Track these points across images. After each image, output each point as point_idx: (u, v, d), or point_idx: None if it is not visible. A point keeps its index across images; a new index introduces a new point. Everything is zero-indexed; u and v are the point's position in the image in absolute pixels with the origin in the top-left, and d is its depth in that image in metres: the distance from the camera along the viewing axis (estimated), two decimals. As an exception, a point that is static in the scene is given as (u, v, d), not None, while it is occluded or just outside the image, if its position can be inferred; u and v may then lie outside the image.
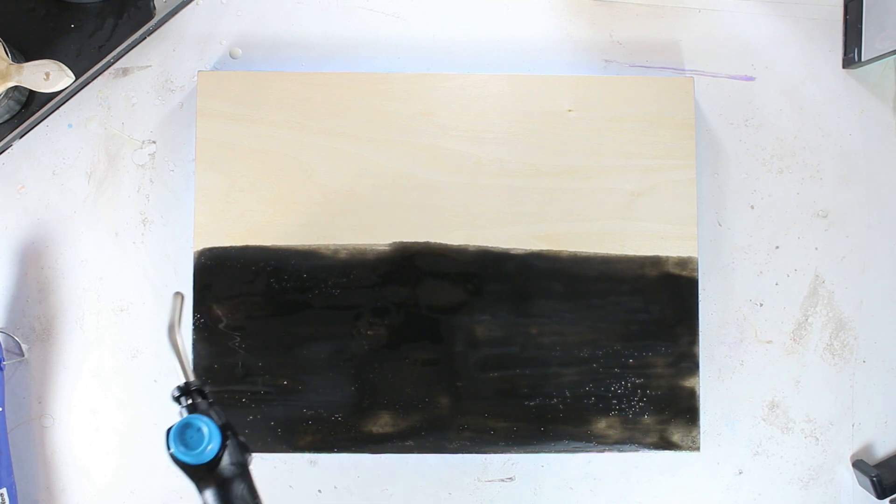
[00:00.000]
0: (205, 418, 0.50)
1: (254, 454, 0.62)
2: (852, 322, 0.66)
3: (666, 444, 0.62)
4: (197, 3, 0.65)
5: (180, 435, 0.50)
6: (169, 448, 0.50)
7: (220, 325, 0.61)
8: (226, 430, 0.51)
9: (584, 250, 0.62)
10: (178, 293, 0.54)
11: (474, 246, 0.62)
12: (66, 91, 0.63)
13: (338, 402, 0.61)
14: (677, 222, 0.63)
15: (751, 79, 0.66)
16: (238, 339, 0.61)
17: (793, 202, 0.66)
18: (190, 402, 0.51)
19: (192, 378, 0.52)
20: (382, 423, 0.61)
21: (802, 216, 0.66)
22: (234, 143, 0.62)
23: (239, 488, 0.50)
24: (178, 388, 0.52)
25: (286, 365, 0.61)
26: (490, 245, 0.62)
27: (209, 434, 0.49)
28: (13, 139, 0.64)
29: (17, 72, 0.57)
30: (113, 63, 0.64)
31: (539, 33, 0.66)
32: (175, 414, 0.51)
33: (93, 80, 0.64)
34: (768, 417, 0.65)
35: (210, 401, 0.52)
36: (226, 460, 0.50)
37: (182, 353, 0.53)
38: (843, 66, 0.66)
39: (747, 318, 0.65)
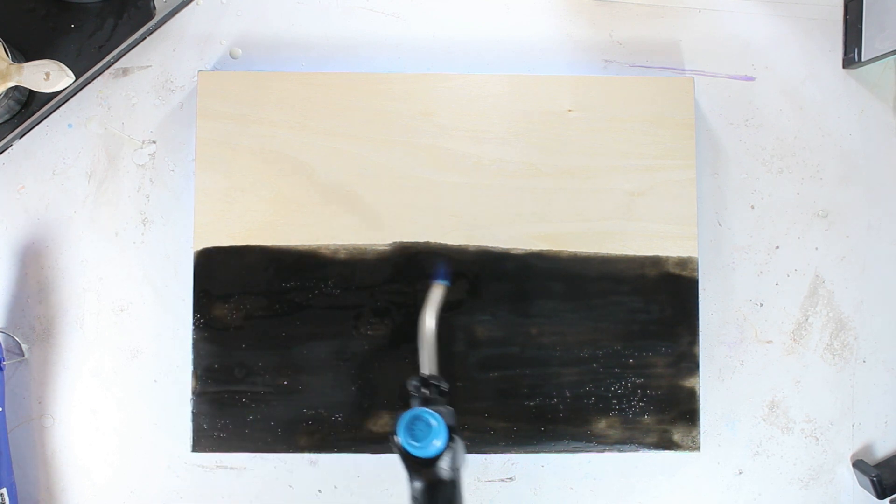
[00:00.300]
0: (437, 416, 0.50)
1: (254, 454, 0.63)
2: (852, 322, 0.66)
3: (666, 444, 0.62)
4: (197, 3, 0.65)
5: (409, 424, 0.50)
6: (396, 434, 0.50)
7: (220, 326, 0.61)
8: (453, 432, 0.51)
9: (584, 250, 0.62)
10: (441, 284, 0.55)
11: (474, 246, 0.62)
12: (66, 91, 0.63)
13: (338, 402, 0.61)
14: (677, 222, 0.63)
15: (751, 79, 0.66)
16: (238, 339, 0.61)
17: (793, 202, 0.66)
18: (426, 393, 0.52)
19: (434, 372, 0.52)
20: (382, 423, 0.61)
21: (802, 216, 0.66)
22: (234, 143, 0.62)
23: (449, 492, 0.50)
24: (419, 377, 0.53)
25: (286, 365, 0.61)
26: (490, 245, 0.62)
27: (437, 431, 0.50)
28: (13, 139, 0.64)
29: (17, 72, 0.57)
30: (113, 63, 0.64)
31: (539, 33, 0.66)
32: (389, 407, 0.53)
33: (93, 80, 0.64)
34: (768, 417, 0.65)
35: (446, 399, 0.52)
36: (445, 461, 0.50)
37: (432, 345, 0.53)
38: (843, 66, 0.66)
39: (747, 318, 0.65)
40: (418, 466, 0.50)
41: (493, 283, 0.62)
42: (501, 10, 0.66)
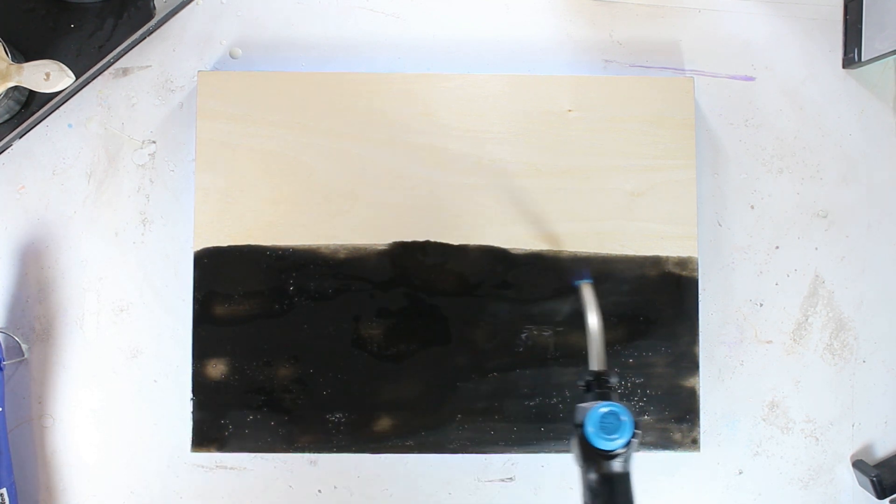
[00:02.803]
0: (627, 412, 0.51)
1: (254, 454, 0.63)
2: (852, 322, 0.66)
3: (666, 444, 0.62)
4: (197, 3, 0.65)
5: (601, 418, 0.51)
6: (584, 426, 0.51)
7: (220, 325, 0.61)
8: (636, 428, 0.52)
9: (584, 250, 0.62)
10: (588, 283, 0.57)
11: (474, 246, 0.62)
12: (66, 91, 0.63)
13: (338, 402, 0.61)
14: (677, 222, 0.63)
15: (751, 79, 0.66)
16: (238, 338, 0.61)
17: (793, 202, 0.66)
18: (604, 390, 0.53)
19: (605, 367, 0.54)
20: (382, 423, 0.61)
21: (802, 216, 0.66)
22: (234, 143, 0.62)
23: (626, 483, 0.51)
24: (592, 373, 0.54)
25: (286, 365, 0.61)
26: (490, 245, 0.62)
27: (627, 426, 0.51)
28: (13, 139, 0.64)
29: (17, 72, 0.57)
30: (113, 63, 0.64)
31: (539, 33, 0.66)
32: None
33: (93, 80, 0.64)
34: (768, 417, 0.65)
35: (615, 394, 0.54)
36: (623, 456, 0.51)
37: (600, 342, 0.55)
38: (843, 66, 0.66)
39: (747, 318, 0.65)
40: (599, 459, 0.51)
41: (493, 283, 0.62)
42: (501, 10, 0.66)
